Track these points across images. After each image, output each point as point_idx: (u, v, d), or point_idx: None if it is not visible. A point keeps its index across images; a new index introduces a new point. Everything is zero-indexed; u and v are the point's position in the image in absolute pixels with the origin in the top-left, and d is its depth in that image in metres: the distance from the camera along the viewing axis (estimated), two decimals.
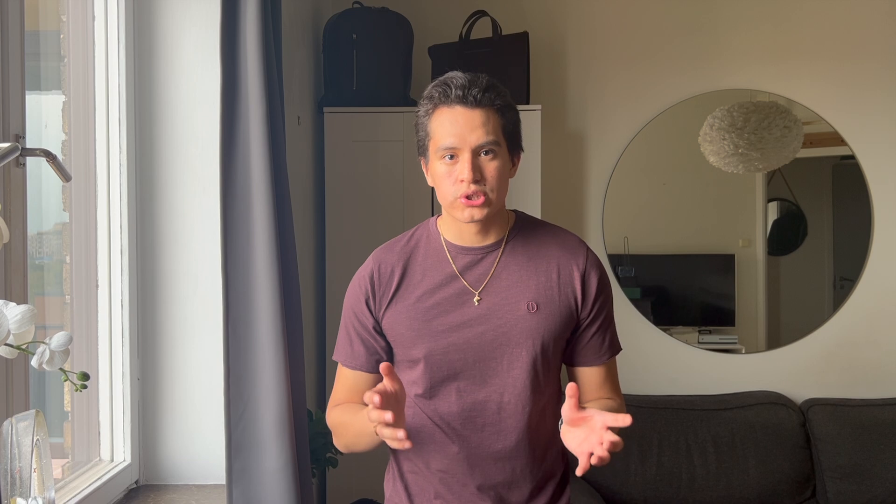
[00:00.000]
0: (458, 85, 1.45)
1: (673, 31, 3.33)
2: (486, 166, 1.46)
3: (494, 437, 1.53)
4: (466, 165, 1.44)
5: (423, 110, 1.51)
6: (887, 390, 3.27)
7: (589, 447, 1.31)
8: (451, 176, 1.46)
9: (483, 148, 1.45)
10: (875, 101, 3.29)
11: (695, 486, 3.03)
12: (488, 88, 1.46)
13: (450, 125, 1.45)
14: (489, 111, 1.46)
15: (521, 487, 1.57)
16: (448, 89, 1.46)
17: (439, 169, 1.48)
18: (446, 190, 1.48)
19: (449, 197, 1.48)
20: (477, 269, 1.54)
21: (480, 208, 1.46)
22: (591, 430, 1.32)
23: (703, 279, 3.47)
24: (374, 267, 1.57)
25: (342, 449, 1.61)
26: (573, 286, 1.54)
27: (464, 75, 1.47)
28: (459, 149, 1.45)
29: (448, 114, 1.46)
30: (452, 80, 1.46)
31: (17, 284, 1.35)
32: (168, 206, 1.91)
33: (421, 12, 3.17)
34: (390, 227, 2.71)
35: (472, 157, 1.44)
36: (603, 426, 1.30)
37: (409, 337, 1.53)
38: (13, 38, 1.33)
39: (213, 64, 1.78)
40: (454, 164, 1.46)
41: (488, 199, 1.46)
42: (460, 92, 1.45)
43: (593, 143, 3.35)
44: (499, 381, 1.52)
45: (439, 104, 1.47)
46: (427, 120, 1.49)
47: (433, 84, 1.50)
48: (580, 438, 1.34)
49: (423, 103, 1.51)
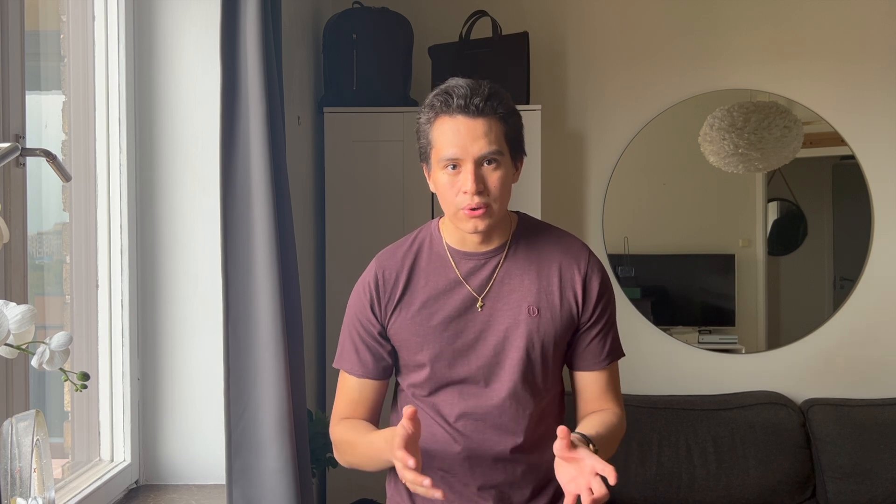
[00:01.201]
0: (460, 94, 1.43)
1: (673, 31, 3.33)
2: (490, 177, 1.44)
3: (496, 439, 1.54)
4: (470, 177, 1.42)
5: (424, 118, 1.49)
6: (887, 390, 3.27)
7: (576, 489, 1.31)
8: (455, 187, 1.45)
9: (486, 158, 1.44)
10: (875, 101, 3.29)
11: (695, 486, 3.03)
12: (490, 97, 1.44)
13: (452, 135, 1.44)
14: (491, 120, 1.44)
15: (523, 488, 1.57)
16: (449, 98, 1.44)
17: (442, 179, 1.47)
18: (449, 200, 1.47)
19: (452, 208, 1.48)
20: (480, 274, 1.54)
21: (483, 219, 1.46)
22: (580, 472, 1.31)
23: (703, 279, 3.47)
24: (378, 273, 1.57)
25: (344, 465, 1.60)
26: (574, 289, 1.54)
27: (465, 83, 1.45)
28: (462, 160, 1.43)
29: (450, 123, 1.44)
30: (454, 90, 1.44)
31: (17, 284, 1.35)
32: (168, 206, 1.91)
33: (421, 12, 3.17)
34: (390, 227, 2.71)
35: (475, 167, 1.43)
36: (592, 471, 1.29)
37: (415, 342, 1.54)
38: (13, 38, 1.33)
39: (213, 64, 1.77)
40: (457, 175, 1.44)
41: (491, 209, 1.45)
42: (462, 101, 1.43)
43: (593, 143, 3.35)
44: (500, 384, 1.53)
45: (441, 113, 1.45)
46: (429, 128, 1.48)
47: (434, 92, 1.48)
48: (570, 475, 1.33)
49: (423, 111, 1.49)
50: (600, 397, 1.59)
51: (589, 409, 1.59)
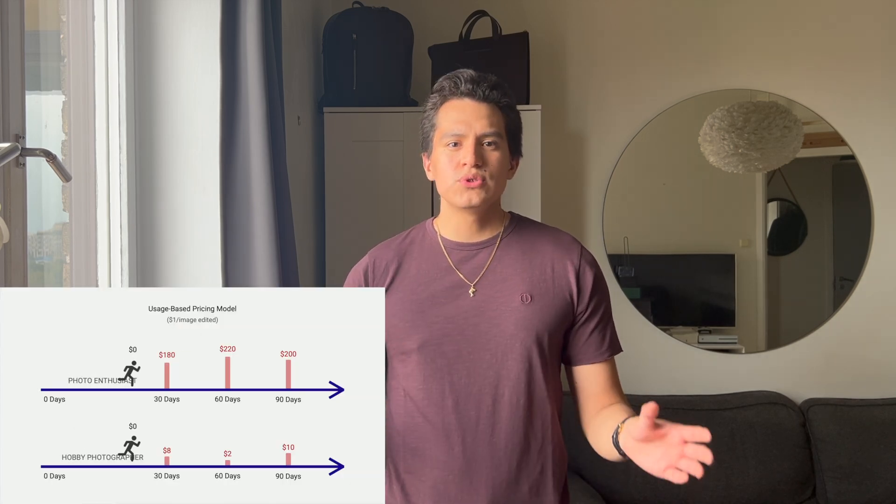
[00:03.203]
0: (468, 79, 1.53)
1: (673, 31, 3.33)
2: (489, 154, 1.52)
3: (490, 433, 1.52)
4: (470, 150, 1.50)
5: (430, 103, 1.58)
6: (887, 390, 3.27)
7: (668, 462, 1.24)
8: (453, 161, 1.51)
9: (487, 137, 1.51)
10: (875, 101, 3.29)
11: (695, 486, 3.03)
12: (496, 86, 1.54)
13: (457, 114, 1.52)
14: (495, 107, 1.53)
15: (520, 486, 1.56)
16: (459, 81, 1.53)
17: (442, 156, 1.53)
18: (447, 174, 1.52)
19: (449, 181, 1.52)
20: (472, 263, 1.57)
21: (479, 191, 1.50)
22: (668, 446, 1.25)
23: (703, 279, 3.47)
24: (370, 262, 1.61)
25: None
26: (568, 280, 1.55)
27: (473, 72, 1.55)
28: (464, 135, 1.51)
29: (457, 104, 1.53)
30: (462, 74, 1.54)
31: (17, 284, 1.34)
32: (168, 206, 1.91)
33: (421, 12, 3.17)
34: (390, 227, 2.70)
35: (476, 144, 1.50)
36: (681, 441, 1.23)
37: (403, 328, 1.54)
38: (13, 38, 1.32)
39: (213, 64, 1.78)
40: (457, 151, 1.51)
41: (487, 184, 1.51)
42: (470, 86, 1.52)
43: (593, 143, 3.35)
44: (493, 372, 1.52)
45: (449, 96, 1.54)
46: (434, 112, 1.56)
47: (444, 77, 1.57)
48: (657, 456, 1.26)
49: (431, 96, 1.58)
50: (607, 391, 1.57)
51: (598, 405, 1.55)
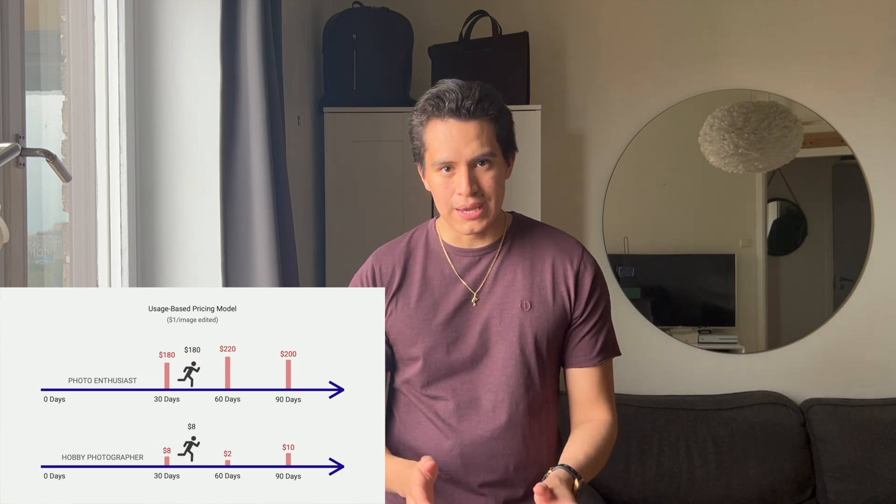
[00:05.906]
0: (451, 98, 1.46)
1: (673, 31, 3.33)
2: (483, 177, 1.47)
3: (488, 435, 1.54)
4: (464, 179, 1.46)
5: (416, 120, 1.53)
6: (887, 390, 3.27)
7: None
8: (449, 188, 1.49)
9: (479, 160, 1.47)
10: (875, 101, 3.29)
11: (695, 486, 3.03)
12: (481, 99, 1.46)
13: (444, 139, 1.46)
14: (483, 121, 1.47)
15: (517, 486, 1.57)
16: (441, 102, 1.47)
17: (436, 180, 1.50)
18: (444, 201, 1.50)
19: (447, 208, 1.51)
20: (475, 270, 1.56)
21: (479, 220, 1.49)
22: None
23: (703, 279, 3.47)
24: (376, 266, 1.59)
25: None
26: (567, 283, 1.55)
27: (456, 86, 1.47)
28: (455, 162, 1.47)
29: (442, 126, 1.47)
30: (444, 94, 1.47)
31: (17, 284, 1.34)
32: (168, 206, 1.91)
33: (421, 12, 3.17)
34: (390, 227, 2.71)
35: (469, 169, 1.46)
36: None
37: (410, 336, 1.55)
38: (13, 38, 1.32)
39: (213, 64, 1.78)
40: (451, 177, 1.48)
41: (487, 209, 1.49)
42: (453, 105, 1.45)
43: (593, 144, 3.35)
44: (493, 378, 1.54)
45: (432, 116, 1.48)
46: (421, 130, 1.52)
47: (425, 96, 1.51)
48: None
49: (415, 114, 1.53)
50: (593, 399, 1.58)
51: (581, 416, 1.58)
